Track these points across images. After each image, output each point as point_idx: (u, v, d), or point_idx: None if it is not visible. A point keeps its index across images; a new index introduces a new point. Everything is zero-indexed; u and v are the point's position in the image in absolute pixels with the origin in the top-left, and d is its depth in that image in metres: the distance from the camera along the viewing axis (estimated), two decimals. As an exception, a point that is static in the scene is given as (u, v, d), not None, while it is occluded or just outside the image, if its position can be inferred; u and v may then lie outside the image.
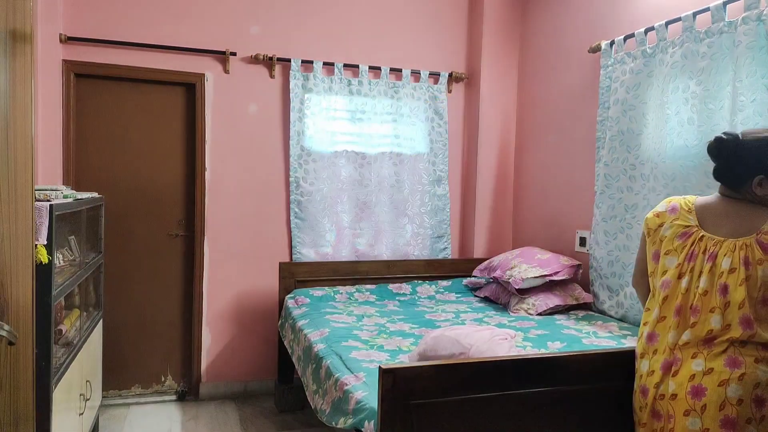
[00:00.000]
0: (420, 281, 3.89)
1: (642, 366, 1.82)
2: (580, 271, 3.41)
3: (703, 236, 1.77)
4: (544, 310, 3.26)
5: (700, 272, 1.73)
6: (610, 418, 1.89)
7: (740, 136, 1.78)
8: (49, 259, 2.05)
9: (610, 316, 3.14)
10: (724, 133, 1.80)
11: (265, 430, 3.34)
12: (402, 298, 3.72)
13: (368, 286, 3.76)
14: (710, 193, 1.92)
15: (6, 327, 1.37)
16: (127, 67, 3.54)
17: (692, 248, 1.77)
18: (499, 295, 3.55)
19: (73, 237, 2.70)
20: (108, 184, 3.56)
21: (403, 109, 4.02)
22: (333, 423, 2.15)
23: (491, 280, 3.70)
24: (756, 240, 1.68)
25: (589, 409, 1.86)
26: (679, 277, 1.77)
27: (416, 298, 3.74)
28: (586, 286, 3.40)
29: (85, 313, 2.96)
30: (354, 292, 3.67)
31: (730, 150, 1.77)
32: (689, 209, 1.85)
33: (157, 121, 3.69)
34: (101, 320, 3.24)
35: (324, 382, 2.41)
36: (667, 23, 2.79)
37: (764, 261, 1.65)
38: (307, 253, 3.83)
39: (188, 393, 3.80)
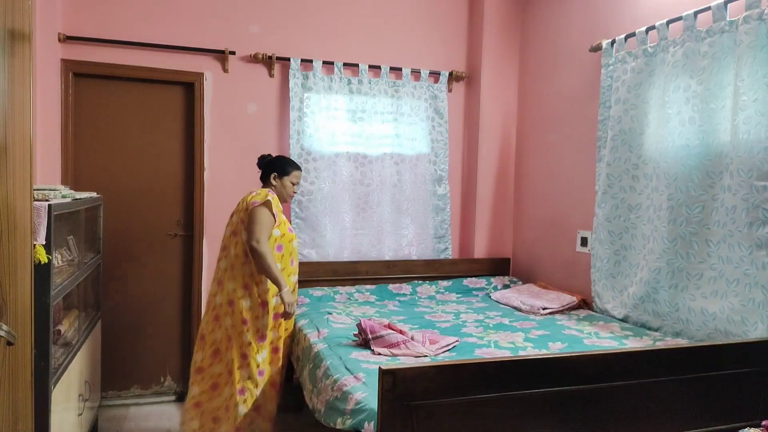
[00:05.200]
0: (420, 281, 3.88)
1: None
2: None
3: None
4: (546, 311, 3.25)
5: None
6: (612, 419, 1.88)
7: (269, 155, 3.06)
8: (48, 258, 2.04)
9: (612, 317, 3.13)
10: (264, 154, 3.06)
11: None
12: (402, 299, 3.71)
13: (368, 287, 3.75)
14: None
15: (5, 327, 1.36)
16: (126, 66, 3.52)
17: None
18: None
19: (71, 237, 2.69)
20: (106, 184, 3.55)
21: (404, 108, 4.01)
22: (330, 423, 2.14)
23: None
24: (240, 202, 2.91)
25: (591, 410, 1.85)
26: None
27: (416, 298, 3.73)
28: (588, 286, 3.39)
29: (83, 314, 2.95)
30: (354, 292, 3.66)
31: (263, 162, 3.02)
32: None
33: (156, 121, 3.68)
34: (100, 320, 3.23)
35: (320, 382, 2.40)
36: (668, 22, 2.78)
37: (236, 211, 2.89)
38: (308, 254, 3.81)
39: (187, 393, 3.78)
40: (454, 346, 2.60)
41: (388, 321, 2.79)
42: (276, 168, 2.97)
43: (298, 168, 3.05)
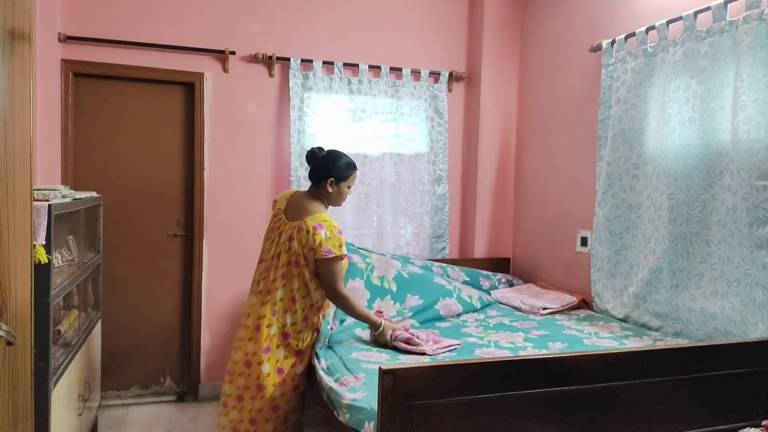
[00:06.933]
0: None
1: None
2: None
3: (281, 218, 2.63)
4: (546, 311, 3.25)
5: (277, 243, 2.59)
6: (612, 419, 1.88)
7: (321, 149, 2.66)
8: (48, 258, 2.04)
9: (612, 317, 3.13)
10: (316, 148, 2.67)
11: (264, 430, 3.33)
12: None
13: (368, 286, 3.74)
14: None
15: (5, 327, 1.36)
16: (126, 66, 3.53)
17: (275, 225, 2.65)
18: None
19: (71, 237, 2.69)
20: (107, 184, 3.55)
21: (404, 108, 4.01)
22: (330, 409, 2.16)
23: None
24: (298, 225, 2.53)
25: (591, 410, 1.85)
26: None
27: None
28: (588, 286, 3.39)
29: (83, 314, 2.95)
30: (354, 292, 3.66)
31: (317, 158, 2.63)
32: (284, 197, 2.72)
33: (156, 121, 3.68)
34: (100, 321, 3.23)
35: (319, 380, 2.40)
36: (668, 22, 2.78)
37: (295, 238, 2.51)
38: (307, 253, 3.81)
39: (187, 394, 3.79)
40: (455, 348, 2.60)
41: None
42: (333, 172, 2.62)
43: (355, 167, 2.72)
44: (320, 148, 2.67)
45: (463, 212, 4.26)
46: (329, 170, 2.62)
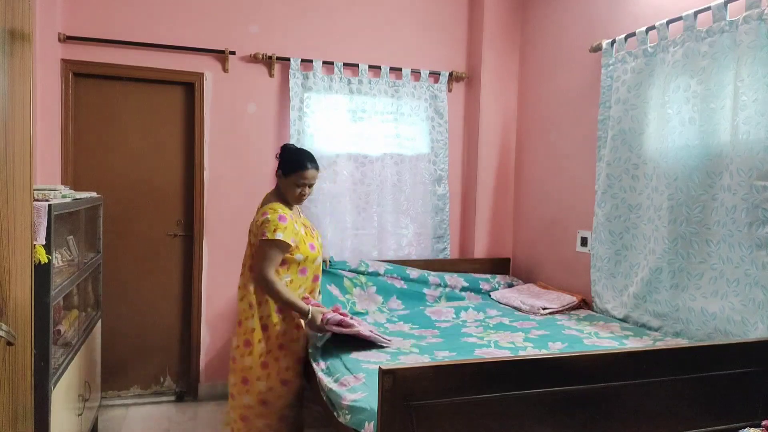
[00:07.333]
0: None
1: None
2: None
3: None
4: (546, 311, 3.25)
5: None
6: (612, 419, 1.88)
7: (290, 145, 2.70)
8: (48, 258, 2.04)
9: (612, 317, 3.13)
10: (286, 144, 2.71)
11: (264, 430, 3.33)
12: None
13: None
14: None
15: (5, 327, 1.36)
16: (126, 66, 3.53)
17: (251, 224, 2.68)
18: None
19: (71, 237, 2.69)
20: (107, 184, 3.55)
21: (404, 108, 4.00)
22: (332, 410, 2.16)
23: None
24: (254, 217, 2.62)
25: (591, 410, 1.85)
26: None
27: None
28: (588, 286, 3.39)
29: (83, 314, 2.95)
30: (354, 292, 3.66)
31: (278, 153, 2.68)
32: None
33: (156, 121, 3.68)
34: (100, 321, 3.23)
35: (320, 381, 2.40)
36: (668, 22, 2.78)
37: (252, 230, 2.58)
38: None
39: (187, 393, 3.79)
40: (385, 343, 2.63)
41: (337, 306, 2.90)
42: (281, 164, 2.61)
43: (303, 167, 2.56)
44: (290, 144, 2.73)
45: (463, 212, 4.26)
46: (280, 162, 2.65)
